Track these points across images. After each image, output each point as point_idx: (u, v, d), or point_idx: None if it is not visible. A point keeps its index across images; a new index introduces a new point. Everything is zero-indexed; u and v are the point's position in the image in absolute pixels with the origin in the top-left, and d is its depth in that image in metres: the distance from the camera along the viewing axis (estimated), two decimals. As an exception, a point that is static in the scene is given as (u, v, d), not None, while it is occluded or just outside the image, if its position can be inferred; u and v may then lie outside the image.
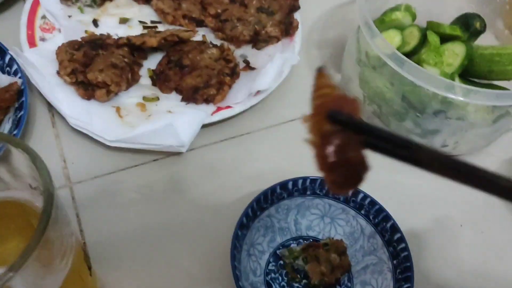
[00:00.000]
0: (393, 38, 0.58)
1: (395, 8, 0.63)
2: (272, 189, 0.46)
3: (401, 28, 0.62)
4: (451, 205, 0.55)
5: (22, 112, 0.50)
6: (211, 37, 0.65)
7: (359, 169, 0.21)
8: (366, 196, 0.46)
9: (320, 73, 0.24)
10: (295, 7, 0.66)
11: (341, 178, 0.21)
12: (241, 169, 0.56)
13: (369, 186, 0.45)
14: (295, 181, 0.47)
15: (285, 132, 0.60)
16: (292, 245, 0.49)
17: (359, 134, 0.21)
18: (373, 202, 0.46)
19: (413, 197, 0.55)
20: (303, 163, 0.56)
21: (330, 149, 0.21)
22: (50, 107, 0.57)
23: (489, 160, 0.60)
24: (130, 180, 0.54)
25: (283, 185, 0.47)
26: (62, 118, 0.56)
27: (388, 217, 0.46)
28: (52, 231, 0.30)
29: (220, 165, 0.56)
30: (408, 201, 0.55)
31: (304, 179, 0.47)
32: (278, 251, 0.49)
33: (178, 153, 0.55)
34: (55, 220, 0.30)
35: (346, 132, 0.21)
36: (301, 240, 0.50)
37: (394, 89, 0.53)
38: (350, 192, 0.21)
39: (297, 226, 0.50)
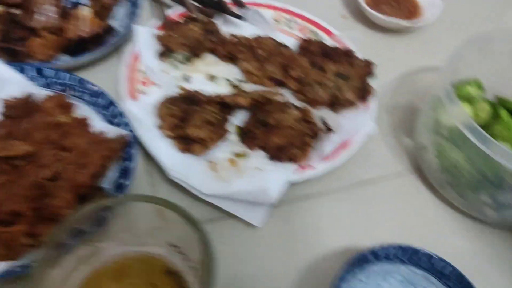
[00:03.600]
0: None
1: (466, 82, 0.67)
2: (363, 254, 0.49)
3: (471, 101, 0.66)
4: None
5: (131, 163, 0.54)
6: (289, 97, 0.70)
7: None
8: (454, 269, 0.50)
9: None
10: (370, 74, 0.71)
11: None
12: (319, 228, 0.59)
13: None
14: (386, 248, 0.50)
15: (359, 193, 0.63)
16: (373, 308, 0.52)
17: None
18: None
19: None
20: (378, 225, 0.60)
21: None
22: (146, 156, 0.61)
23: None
24: (215, 232, 0.57)
25: (374, 252, 0.50)
26: (156, 167, 0.60)
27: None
28: None
29: (300, 223, 0.59)
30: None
31: (398, 247, 0.50)
32: (360, 313, 0.51)
33: (261, 208, 0.59)
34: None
35: None
36: (382, 303, 0.52)
37: (472, 163, 0.57)
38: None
39: (379, 290, 0.53)
